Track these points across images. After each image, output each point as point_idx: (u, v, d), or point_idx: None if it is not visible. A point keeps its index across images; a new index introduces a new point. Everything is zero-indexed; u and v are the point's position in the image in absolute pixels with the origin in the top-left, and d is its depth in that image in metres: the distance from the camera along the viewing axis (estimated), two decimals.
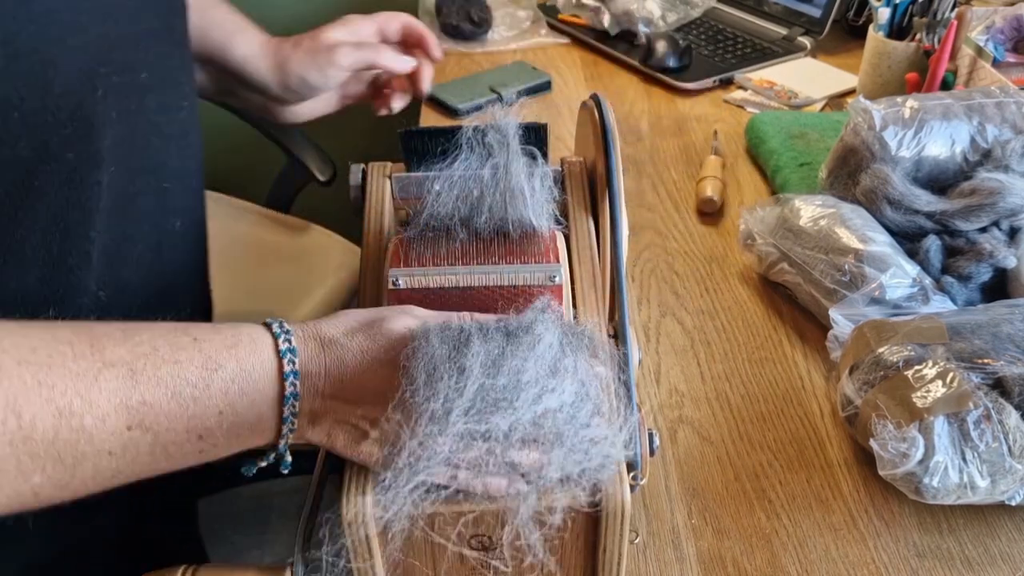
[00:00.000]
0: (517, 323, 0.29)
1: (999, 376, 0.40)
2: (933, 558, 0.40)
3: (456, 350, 0.27)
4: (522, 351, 0.27)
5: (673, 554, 0.41)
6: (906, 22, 0.76)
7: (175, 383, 0.25)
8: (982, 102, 0.57)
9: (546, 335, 0.28)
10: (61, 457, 0.24)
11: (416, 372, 0.27)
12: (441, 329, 0.28)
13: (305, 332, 0.29)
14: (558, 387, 0.27)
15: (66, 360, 0.24)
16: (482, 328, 0.28)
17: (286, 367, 0.27)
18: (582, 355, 0.29)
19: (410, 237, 0.36)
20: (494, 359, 0.27)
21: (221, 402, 0.26)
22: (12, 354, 0.23)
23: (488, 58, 0.92)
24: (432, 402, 0.26)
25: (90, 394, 0.24)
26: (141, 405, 0.25)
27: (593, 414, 0.27)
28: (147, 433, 0.25)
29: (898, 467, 0.39)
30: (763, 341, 0.54)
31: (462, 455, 0.26)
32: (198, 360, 0.26)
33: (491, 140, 0.36)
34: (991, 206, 0.52)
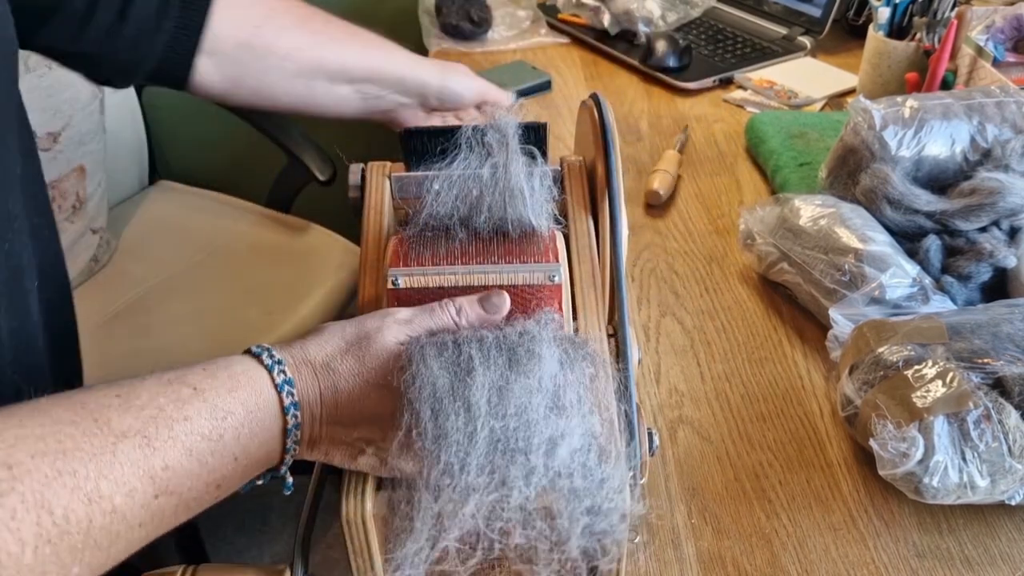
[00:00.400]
0: (517, 339, 0.28)
1: (999, 376, 0.40)
2: (933, 558, 0.40)
3: (458, 379, 0.27)
4: (523, 380, 0.27)
5: (673, 554, 0.41)
6: (906, 22, 0.76)
7: (190, 440, 0.25)
8: (982, 102, 0.57)
9: (547, 355, 0.28)
10: (98, 543, 0.23)
11: (420, 406, 0.26)
12: (439, 351, 0.28)
13: (295, 358, 0.28)
14: (567, 431, 0.27)
15: (78, 442, 0.23)
16: (483, 348, 0.28)
17: (285, 400, 0.27)
18: (580, 373, 0.29)
19: (409, 237, 0.36)
20: (499, 389, 0.27)
21: (235, 448, 0.26)
22: (21, 448, 0.22)
23: (488, 58, 0.92)
24: (443, 451, 0.25)
25: (113, 472, 0.23)
26: (164, 471, 0.24)
27: (601, 458, 0.27)
28: (172, 496, 0.25)
29: (898, 467, 0.39)
30: (763, 341, 0.54)
31: (483, 516, 0.26)
32: (205, 411, 0.25)
33: (490, 140, 0.36)
34: (991, 206, 0.52)
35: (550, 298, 0.34)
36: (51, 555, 0.21)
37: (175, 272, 0.91)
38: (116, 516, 0.23)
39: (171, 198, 1.05)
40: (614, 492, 0.27)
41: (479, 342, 0.28)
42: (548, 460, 0.26)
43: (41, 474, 0.22)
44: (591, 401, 0.29)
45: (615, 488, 0.27)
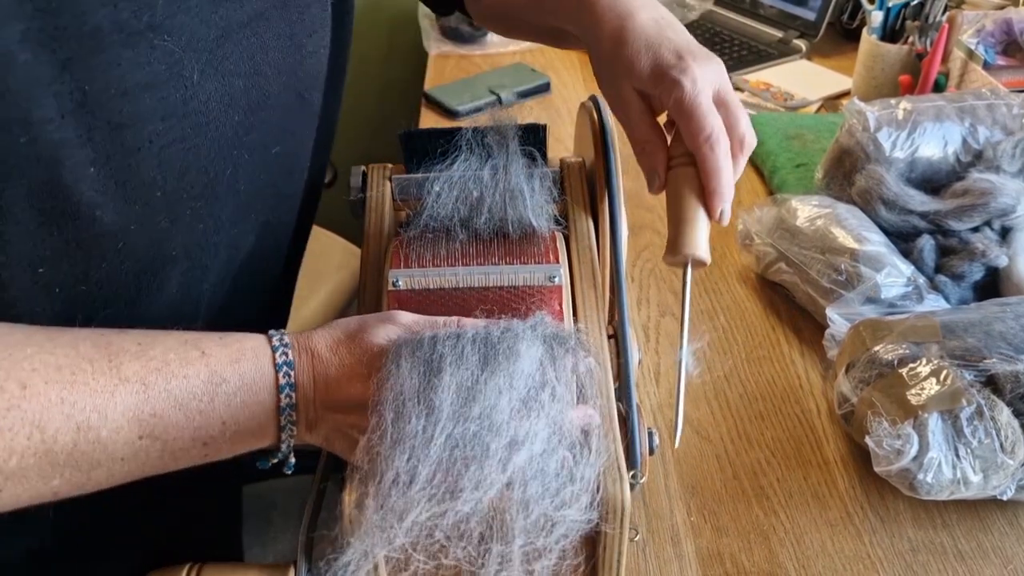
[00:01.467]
0: (500, 334, 0.28)
1: (991, 373, 0.41)
2: (927, 552, 0.40)
3: (425, 379, 0.27)
4: (496, 379, 0.27)
5: (672, 551, 0.41)
6: (899, 25, 0.77)
7: (183, 396, 0.27)
8: (973, 104, 0.58)
9: (526, 353, 0.28)
10: (79, 464, 0.26)
11: (384, 408, 0.27)
12: (413, 349, 0.28)
13: (299, 344, 0.30)
14: (531, 434, 0.26)
15: (87, 378, 0.26)
16: (457, 346, 0.28)
17: (281, 380, 0.29)
18: (563, 369, 0.28)
19: (410, 238, 0.36)
20: (467, 389, 0.27)
21: (224, 413, 0.28)
22: (41, 373, 0.25)
23: (487, 60, 0.93)
24: (397, 457, 0.25)
25: (107, 409, 0.26)
26: (151, 417, 0.27)
27: (561, 467, 0.27)
28: (156, 441, 0.27)
29: (893, 463, 0.40)
30: (761, 340, 0.54)
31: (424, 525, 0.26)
32: (204, 374, 0.28)
33: (490, 141, 0.36)
34: (983, 206, 0.53)
35: (550, 298, 0.34)
36: (34, 466, 0.25)
37: None
38: (99, 446, 0.26)
39: None
40: (572, 497, 0.27)
41: (456, 339, 0.28)
42: (502, 467, 0.26)
43: (47, 398, 0.25)
44: (568, 400, 0.28)
45: (574, 493, 0.27)
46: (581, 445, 0.28)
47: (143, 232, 0.30)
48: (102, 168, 0.27)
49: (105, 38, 0.26)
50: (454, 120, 0.80)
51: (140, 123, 0.28)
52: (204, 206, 0.32)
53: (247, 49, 0.31)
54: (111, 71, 0.26)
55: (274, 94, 0.33)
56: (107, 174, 0.28)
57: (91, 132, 0.27)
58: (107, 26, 0.26)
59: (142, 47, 0.27)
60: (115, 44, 0.26)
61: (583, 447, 0.28)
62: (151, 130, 0.28)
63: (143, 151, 0.28)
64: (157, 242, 0.31)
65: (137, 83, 0.27)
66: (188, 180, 0.31)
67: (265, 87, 0.33)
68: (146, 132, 0.28)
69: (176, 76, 0.28)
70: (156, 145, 0.29)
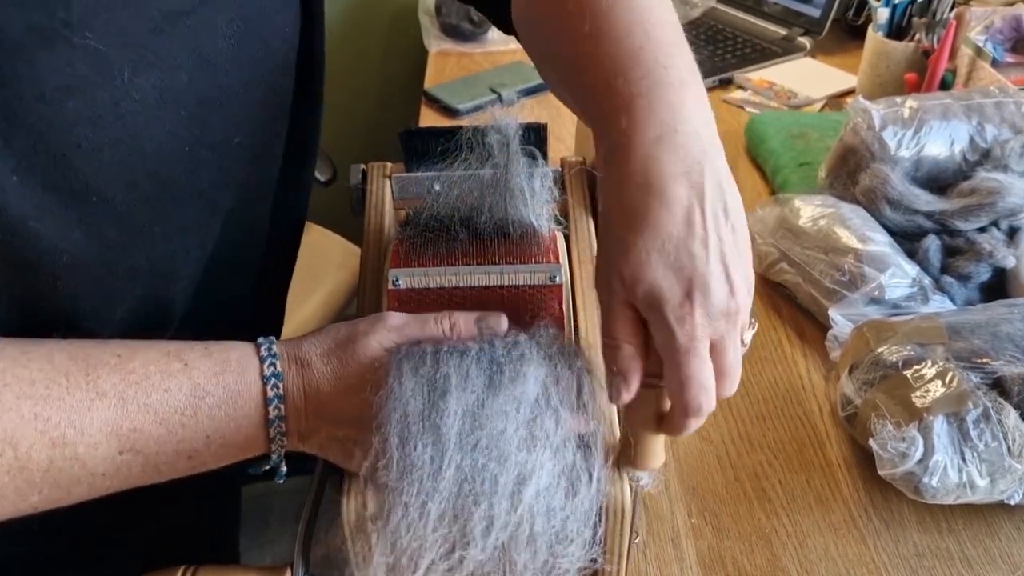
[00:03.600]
0: (503, 355, 0.27)
1: (998, 376, 0.41)
2: (932, 557, 0.40)
3: (431, 402, 0.26)
4: (502, 404, 0.26)
5: (673, 553, 0.41)
6: (905, 22, 0.77)
7: (164, 411, 0.26)
8: (981, 102, 0.57)
9: (532, 375, 0.27)
10: (57, 481, 0.25)
11: (388, 431, 0.26)
12: (415, 366, 0.27)
13: (290, 354, 0.29)
14: (536, 468, 0.26)
15: (62, 392, 0.25)
16: (462, 365, 0.27)
17: (269, 392, 0.28)
18: (566, 391, 0.28)
19: (410, 237, 0.36)
20: (473, 415, 0.26)
21: (208, 427, 0.27)
22: (13, 388, 0.24)
23: (488, 58, 0.92)
24: (406, 490, 0.25)
25: (83, 424, 0.25)
26: (131, 432, 0.26)
27: (565, 499, 0.26)
28: (138, 456, 0.26)
29: (897, 467, 0.39)
30: (763, 341, 0.54)
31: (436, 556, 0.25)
32: (187, 387, 0.27)
33: (491, 140, 0.36)
34: (990, 206, 0.52)
35: (550, 298, 0.34)
36: (9, 484, 0.24)
37: None
38: (77, 463, 0.25)
39: None
40: (574, 532, 0.26)
41: (460, 356, 0.27)
42: (512, 504, 0.25)
43: (19, 414, 0.24)
44: (571, 426, 0.28)
45: (576, 528, 0.26)
46: (582, 474, 0.27)
47: (91, 242, 0.28)
48: (25, 176, 0.25)
49: (15, 41, 0.24)
50: (454, 119, 0.80)
51: (64, 128, 0.26)
52: (162, 209, 0.30)
53: (190, 40, 0.29)
54: (25, 76, 0.24)
55: (229, 85, 0.31)
56: (32, 182, 0.26)
57: (8, 140, 0.25)
58: (16, 28, 0.24)
59: (60, 48, 0.25)
60: (28, 47, 0.24)
61: (585, 476, 0.27)
62: (79, 135, 0.26)
63: (71, 157, 0.26)
64: (110, 251, 0.29)
65: (56, 87, 0.25)
66: (137, 184, 0.29)
67: (217, 79, 0.30)
68: (73, 137, 0.26)
69: (103, 76, 0.26)
70: (86, 150, 0.26)
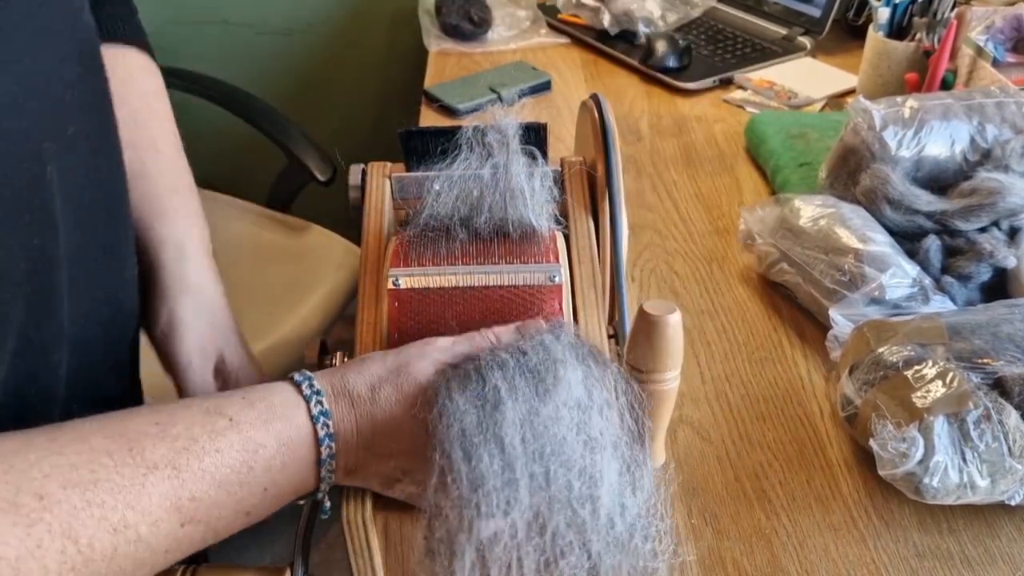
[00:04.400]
0: (538, 360, 0.27)
1: (999, 376, 0.40)
2: (933, 558, 0.40)
3: (487, 414, 0.25)
4: (555, 409, 0.26)
5: (673, 554, 0.41)
6: (906, 22, 0.76)
7: (219, 473, 0.25)
8: (982, 102, 0.57)
9: (571, 376, 0.26)
10: (123, 569, 0.24)
11: (450, 446, 0.25)
12: (463, 384, 0.26)
13: (335, 388, 0.28)
14: (604, 468, 0.25)
15: (110, 473, 0.24)
16: (507, 375, 0.26)
17: (320, 432, 0.27)
18: (606, 390, 0.27)
19: (410, 237, 0.36)
20: (531, 424, 0.25)
21: (265, 479, 0.26)
22: (55, 479, 0.23)
23: (488, 58, 0.92)
24: (484, 503, 0.24)
25: (140, 503, 0.24)
26: (191, 501, 0.25)
27: (635, 491, 0.26)
28: (199, 525, 0.25)
29: (898, 467, 0.39)
30: (763, 341, 0.54)
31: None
32: (238, 444, 0.26)
33: (491, 140, 0.36)
34: (991, 206, 0.52)
35: (550, 298, 0.34)
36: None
37: None
38: (141, 544, 0.24)
39: None
40: (651, 527, 0.26)
41: (501, 368, 0.27)
42: (593, 508, 0.24)
43: (70, 505, 0.22)
44: (616, 421, 0.27)
45: (652, 522, 0.26)
46: (641, 468, 0.27)
47: None
48: None
49: None
50: (454, 118, 0.80)
51: None
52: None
53: None
54: None
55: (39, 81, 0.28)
56: None
57: None
58: None
59: None
60: None
61: (643, 468, 0.27)
62: None
63: None
64: None
65: None
66: None
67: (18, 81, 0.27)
68: None
69: None
70: None
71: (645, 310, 0.27)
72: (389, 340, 0.34)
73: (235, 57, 1.18)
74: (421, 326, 0.33)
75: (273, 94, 1.08)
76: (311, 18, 1.17)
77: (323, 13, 1.16)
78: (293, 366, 0.85)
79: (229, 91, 1.00)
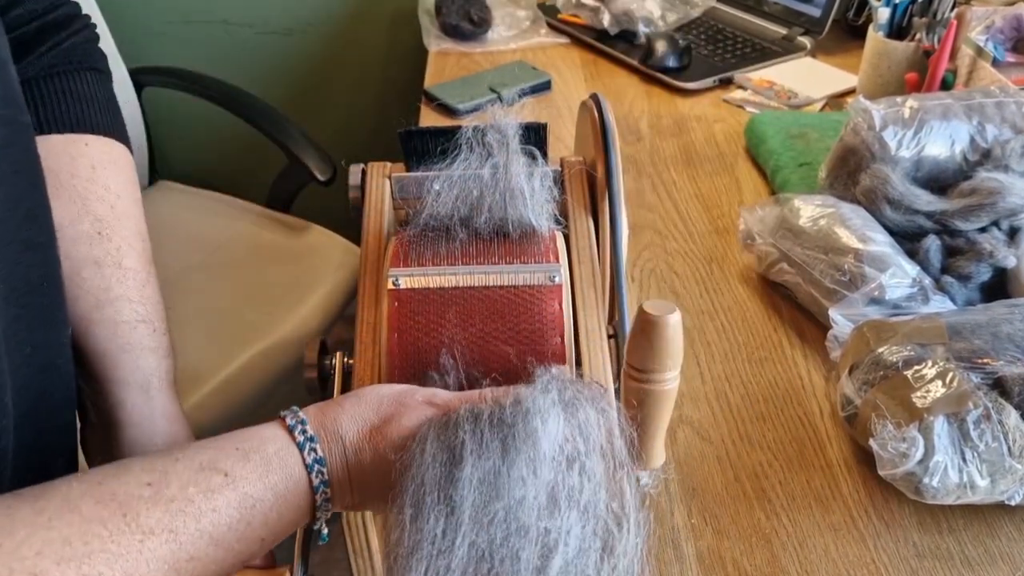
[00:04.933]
0: (512, 412, 0.26)
1: (999, 376, 0.40)
2: (933, 558, 0.40)
3: (446, 471, 0.25)
4: (519, 468, 0.25)
5: (673, 554, 0.41)
6: (906, 22, 0.76)
7: (217, 531, 0.25)
8: (982, 102, 0.57)
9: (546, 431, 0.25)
10: None
11: (403, 500, 0.25)
12: (440, 432, 0.26)
13: (328, 433, 0.28)
14: (563, 533, 0.24)
15: (105, 543, 0.23)
16: (476, 429, 0.25)
17: (315, 480, 0.27)
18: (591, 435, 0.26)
19: (410, 237, 0.36)
20: (490, 484, 0.24)
21: (262, 532, 0.26)
22: (48, 556, 0.22)
23: (488, 58, 0.92)
24: (415, 569, 0.23)
25: (138, 570, 0.23)
26: (188, 562, 0.25)
27: (603, 556, 0.25)
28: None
29: (898, 467, 0.39)
30: (763, 341, 0.54)
31: None
32: (235, 502, 0.26)
33: (491, 140, 0.36)
34: (991, 206, 0.52)
35: (550, 298, 0.34)
36: None
37: (175, 272, 0.91)
38: None
39: (171, 198, 1.05)
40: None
41: (474, 421, 0.26)
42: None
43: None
44: (600, 472, 0.26)
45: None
46: (621, 524, 0.26)
47: None
48: None
49: None
50: (454, 118, 0.80)
51: None
52: None
53: None
54: None
55: None
56: None
57: None
58: None
59: None
60: None
61: (623, 525, 0.26)
62: None
63: None
64: None
65: None
66: None
67: None
68: None
69: None
70: None
71: (645, 310, 0.27)
72: (389, 340, 0.34)
73: (235, 57, 1.18)
74: (421, 326, 0.33)
75: (273, 94, 1.08)
76: (311, 18, 1.17)
77: (323, 13, 1.16)
78: (293, 366, 0.86)
79: (229, 91, 1.00)
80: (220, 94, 1.00)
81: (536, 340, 0.33)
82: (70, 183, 0.37)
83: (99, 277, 0.37)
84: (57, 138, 0.37)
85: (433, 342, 0.33)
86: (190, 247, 0.94)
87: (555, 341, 0.33)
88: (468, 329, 0.33)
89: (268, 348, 0.82)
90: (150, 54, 1.14)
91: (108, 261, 0.37)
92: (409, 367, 0.33)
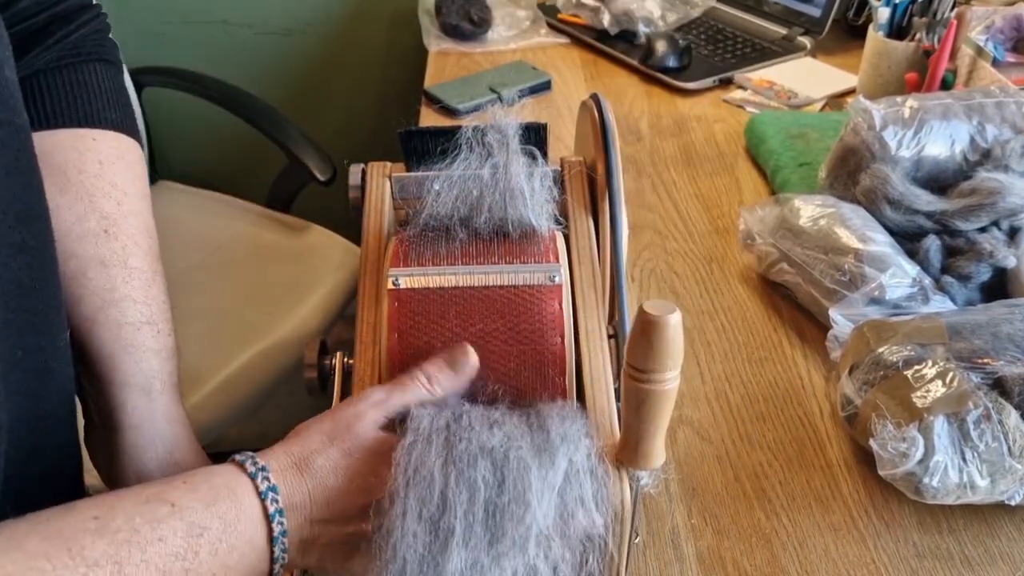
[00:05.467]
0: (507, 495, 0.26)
1: (999, 376, 0.40)
2: (933, 558, 0.40)
3: (430, 554, 0.25)
4: (507, 560, 0.25)
5: (673, 554, 0.41)
6: (906, 22, 0.76)
7: (163, 561, 0.25)
8: (982, 102, 0.57)
9: (544, 500, 0.26)
10: None
11: (387, 564, 0.25)
12: (421, 500, 0.26)
13: (279, 463, 0.28)
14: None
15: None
16: (470, 508, 0.25)
17: (270, 507, 0.27)
18: (577, 495, 0.27)
19: (410, 237, 0.36)
20: (476, 568, 0.24)
21: (212, 564, 0.26)
22: None
23: (488, 58, 0.92)
24: None
25: None
26: None
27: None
28: None
29: (898, 467, 0.39)
30: (763, 341, 0.54)
31: None
32: (181, 530, 0.25)
33: (491, 140, 0.36)
34: (991, 206, 0.52)
35: (550, 298, 0.34)
36: None
37: (175, 272, 0.91)
38: None
39: (171, 198, 1.05)
40: None
41: (470, 496, 0.26)
42: None
43: None
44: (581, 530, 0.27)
45: None
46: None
47: None
48: None
49: None
50: (454, 118, 0.80)
51: None
52: None
53: None
54: None
55: None
56: None
57: None
58: None
59: None
60: None
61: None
62: None
63: None
64: None
65: None
66: None
67: None
68: None
69: None
70: None
71: (645, 310, 0.27)
72: (389, 340, 0.34)
73: (235, 57, 1.18)
74: (421, 326, 0.33)
75: (273, 94, 1.08)
76: (311, 18, 1.17)
77: (323, 13, 1.16)
78: (293, 366, 0.86)
79: (229, 91, 1.00)
80: (220, 94, 1.00)
81: (536, 340, 0.33)
82: (77, 179, 0.36)
83: (104, 277, 0.36)
84: (64, 133, 0.37)
85: (433, 342, 0.33)
86: (190, 247, 0.94)
87: (555, 341, 0.33)
88: (468, 329, 0.33)
89: (268, 348, 0.82)
90: (150, 54, 1.14)
91: (114, 260, 0.37)
92: (409, 367, 0.33)
